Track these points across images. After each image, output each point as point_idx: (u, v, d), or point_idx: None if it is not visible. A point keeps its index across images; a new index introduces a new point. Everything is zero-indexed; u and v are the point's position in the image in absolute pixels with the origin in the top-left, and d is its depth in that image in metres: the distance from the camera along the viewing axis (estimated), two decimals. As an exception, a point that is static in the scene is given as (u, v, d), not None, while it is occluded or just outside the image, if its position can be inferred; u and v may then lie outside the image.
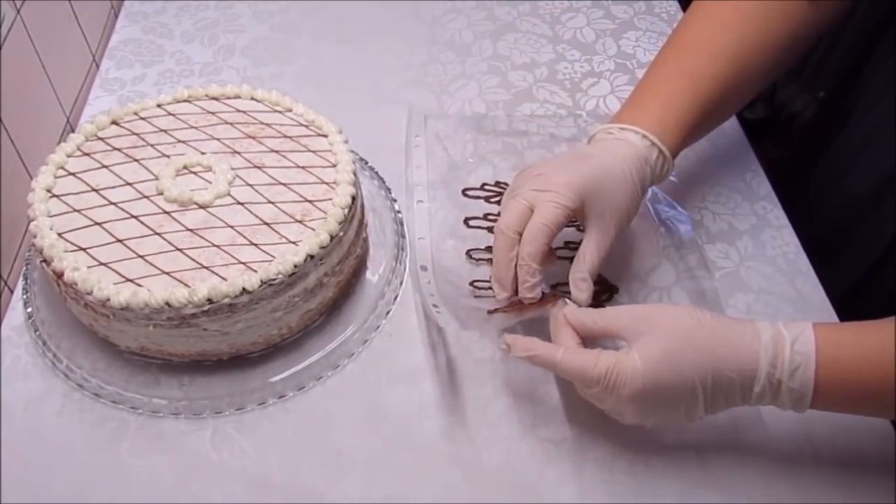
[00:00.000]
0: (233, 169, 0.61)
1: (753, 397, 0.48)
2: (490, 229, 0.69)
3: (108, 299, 0.52)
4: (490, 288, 0.58)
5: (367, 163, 0.72)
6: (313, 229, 0.57)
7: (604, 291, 0.64)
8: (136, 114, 0.66)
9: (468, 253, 0.67)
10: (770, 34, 0.62)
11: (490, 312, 0.58)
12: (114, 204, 0.58)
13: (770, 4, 0.62)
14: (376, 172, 0.72)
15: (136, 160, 0.62)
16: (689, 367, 0.48)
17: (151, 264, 0.55)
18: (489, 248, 0.67)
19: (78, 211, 0.58)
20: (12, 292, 0.65)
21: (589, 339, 0.53)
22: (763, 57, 0.63)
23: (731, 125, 0.80)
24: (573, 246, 0.68)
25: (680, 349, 0.48)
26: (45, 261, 0.55)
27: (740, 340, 0.48)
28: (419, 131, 0.77)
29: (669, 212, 0.71)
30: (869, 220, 0.70)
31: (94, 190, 0.59)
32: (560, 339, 0.53)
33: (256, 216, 0.58)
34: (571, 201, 0.55)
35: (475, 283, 0.65)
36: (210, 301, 0.53)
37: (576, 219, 0.59)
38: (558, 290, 0.64)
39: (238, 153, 0.63)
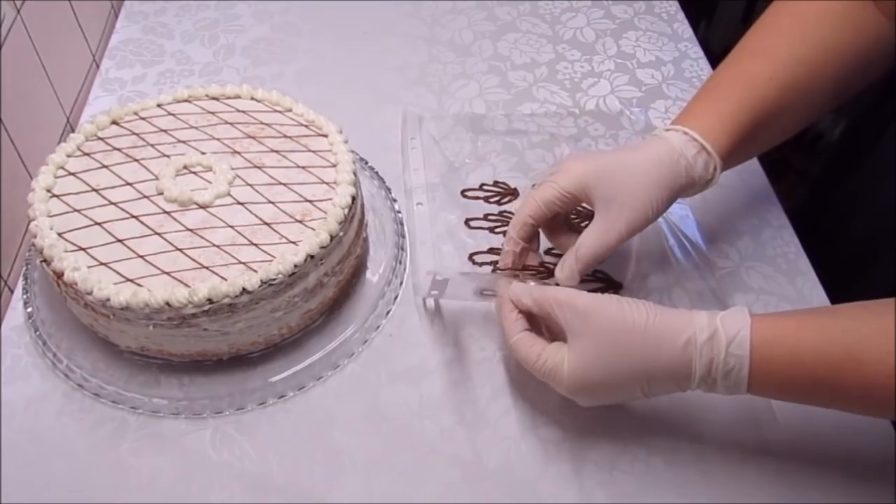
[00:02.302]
0: (233, 169, 0.61)
1: (690, 388, 0.50)
2: (491, 229, 0.69)
3: (108, 299, 0.52)
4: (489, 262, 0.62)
5: (367, 163, 0.72)
6: (313, 229, 0.57)
7: (607, 288, 0.64)
8: (136, 114, 0.66)
9: (471, 257, 0.67)
10: (838, 44, 0.58)
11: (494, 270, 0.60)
12: (114, 204, 0.58)
13: (840, 14, 0.59)
14: (376, 172, 0.72)
15: (136, 160, 0.62)
16: (621, 372, 0.49)
17: (151, 264, 0.55)
18: (492, 250, 0.67)
19: (78, 211, 0.58)
20: (12, 292, 0.65)
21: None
22: (829, 67, 0.59)
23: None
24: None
25: (611, 356, 0.49)
26: (45, 261, 0.55)
27: (673, 346, 0.48)
28: (415, 133, 0.77)
29: (670, 212, 0.70)
30: (890, 248, 0.69)
31: (94, 190, 0.59)
32: (502, 314, 0.54)
33: (256, 216, 0.58)
34: (569, 183, 0.55)
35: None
36: (210, 301, 0.53)
37: (580, 212, 0.59)
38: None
39: (238, 153, 0.63)
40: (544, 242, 0.61)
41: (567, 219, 0.62)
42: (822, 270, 0.67)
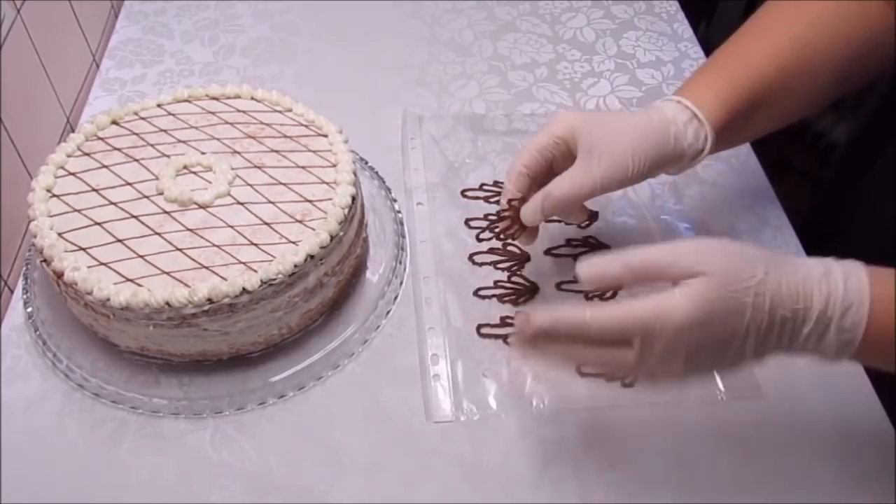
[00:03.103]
0: (233, 169, 0.61)
1: (800, 339, 0.45)
2: (491, 229, 0.69)
3: (108, 299, 0.52)
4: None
5: (367, 163, 0.72)
6: (313, 229, 0.57)
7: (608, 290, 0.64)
8: (136, 114, 0.66)
9: (471, 257, 0.67)
10: (841, 30, 0.58)
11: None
12: (114, 204, 0.58)
13: (844, 1, 0.58)
14: (376, 172, 0.72)
15: (136, 160, 0.62)
16: (741, 303, 0.43)
17: (151, 264, 0.55)
18: (492, 250, 0.67)
19: (78, 211, 0.58)
20: (12, 292, 0.65)
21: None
22: (830, 53, 0.58)
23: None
24: (575, 243, 0.68)
25: (731, 283, 0.43)
26: (45, 261, 0.55)
27: (794, 274, 0.44)
28: (415, 133, 0.77)
29: (670, 211, 0.71)
30: None
31: (94, 190, 0.59)
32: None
33: (256, 216, 0.58)
34: (559, 128, 0.56)
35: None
36: (210, 301, 0.53)
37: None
38: (563, 286, 0.65)
39: (238, 153, 0.63)
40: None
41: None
42: None
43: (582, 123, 0.56)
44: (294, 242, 0.56)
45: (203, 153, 0.62)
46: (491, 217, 0.70)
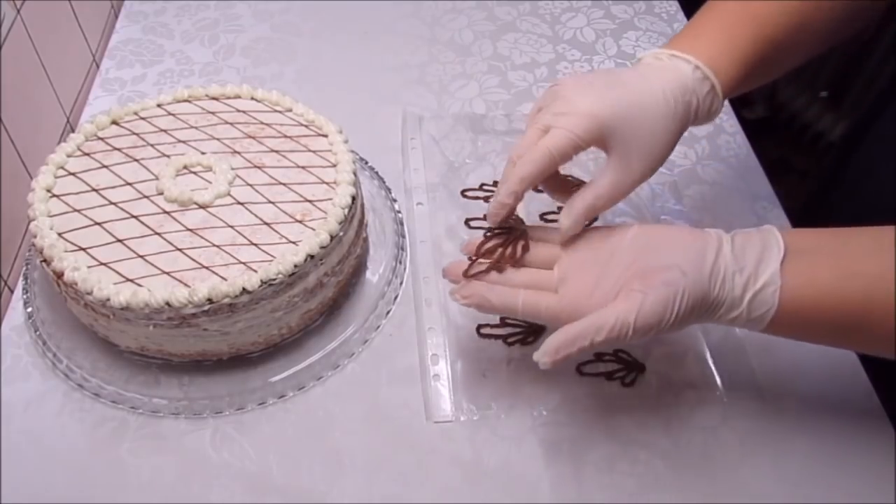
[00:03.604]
0: (233, 169, 0.61)
1: (714, 318, 0.48)
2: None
3: (108, 299, 0.52)
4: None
5: (367, 163, 0.72)
6: (313, 229, 0.57)
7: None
8: (136, 114, 0.66)
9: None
10: None
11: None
12: (114, 204, 0.58)
13: None
14: (376, 172, 0.72)
15: (136, 160, 0.62)
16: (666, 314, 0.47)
17: (151, 264, 0.55)
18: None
19: (78, 211, 0.58)
20: (12, 292, 0.65)
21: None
22: None
23: (731, 125, 0.80)
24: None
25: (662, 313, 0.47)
26: (45, 261, 0.55)
27: (709, 275, 0.47)
28: (415, 133, 0.77)
29: (670, 211, 0.71)
30: None
31: (94, 190, 0.59)
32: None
33: (256, 216, 0.58)
34: (587, 132, 0.49)
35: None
36: (210, 301, 0.53)
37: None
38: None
39: (238, 153, 0.63)
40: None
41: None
42: None
43: (610, 121, 0.50)
44: (294, 242, 0.56)
45: (203, 153, 0.62)
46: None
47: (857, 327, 0.46)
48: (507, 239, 0.52)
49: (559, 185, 0.56)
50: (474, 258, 0.52)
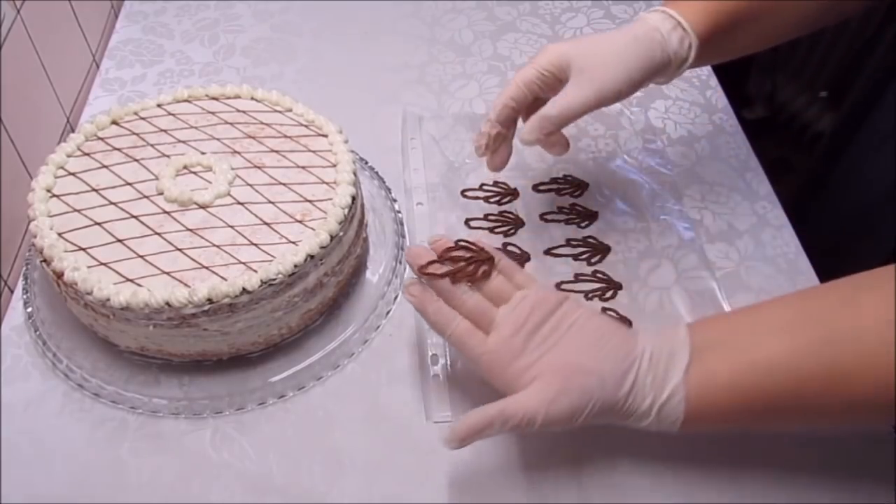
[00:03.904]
0: (233, 169, 0.61)
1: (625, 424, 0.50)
2: (491, 230, 0.69)
3: (108, 299, 0.52)
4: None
5: (367, 163, 0.72)
6: (313, 229, 0.57)
7: (608, 288, 0.64)
8: (136, 114, 0.66)
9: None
10: None
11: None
12: (114, 204, 0.58)
13: None
14: (376, 172, 0.72)
15: (136, 160, 0.62)
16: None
17: (151, 264, 0.55)
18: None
19: (78, 211, 0.58)
20: (12, 292, 0.65)
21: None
22: None
23: (731, 125, 0.80)
24: (575, 243, 0.68)
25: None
26: (45, 261, 0.55)
27: (620, 389, 0.48)
28: (415, 133, 0.77)
29: (670, 211, 0.71)
30: (875, 229, 0.70)
31: (94, 190, 0.59)
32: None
33: (256, 216, 0.58)
34: (548, 62, 0.58)
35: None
36: (210, 301, 0.53)
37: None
38: (563, 286, 0.65)
39: (238, 153, 0.63)
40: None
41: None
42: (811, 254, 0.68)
43: (569, 50, 0.58)
44: (294, 242, 0.56)
45: (203, 153, 0.62)
46: (491, 217, 0.70)
47: (768, 414, 0.47)
48: (474, 256, 0.52)
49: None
50: (438, 258, 0.52)
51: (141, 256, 0.55)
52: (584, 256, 0.67)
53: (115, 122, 0.65)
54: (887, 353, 0.42)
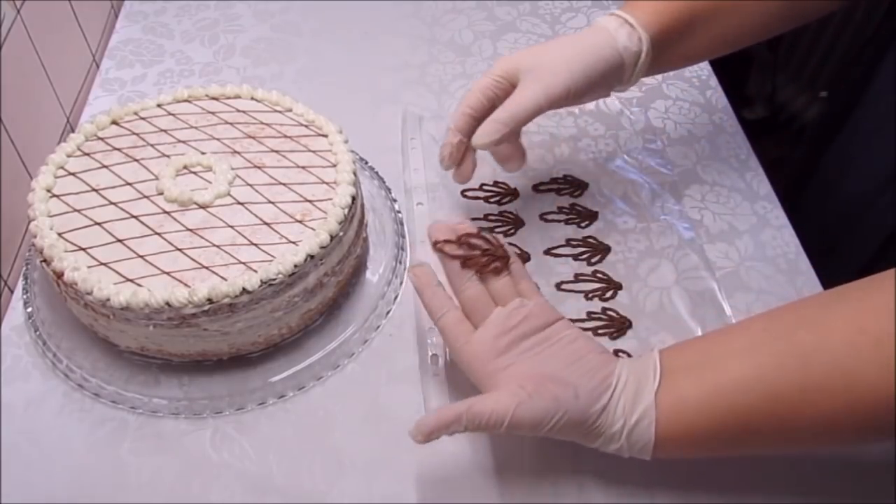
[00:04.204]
0: (233, 169, 0.61)
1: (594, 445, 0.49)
2: (491, 230, 0.69)
3: (108, 299, 0.52)
4: None
5: (367, 163, 0.72)
6: (313, 229, 0.57)
7: (608, 289, 0.64)
8: (136, 114, 0.66)
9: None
10: None
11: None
12: (114, 204, 0.58)
13: None
14: (376, 172, 0.72)
15: (136, 160, 0.62)
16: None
17: (151, 264, 0.55)
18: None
19: (78, 211, 0.58)
20: (12, 292, 0.65)
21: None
22: None
23: (731, 125, 0.80)
24: (575, 243, 0.68)
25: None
26: (45, 261, 0.55)
27: (589, 409, 0.48)
28: (415, 133, 0.77)
29: (670, 211, 0.71)
30: (865, 219, 0.70)
31: (94, 190, 0.59)
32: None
33: (256, 216, 0.58)
34: (500, 69, 0.60)
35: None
36: (210, 301, 0.53)
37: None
38: (563, 287, 0.65)
39: (238, 153, 0.63)
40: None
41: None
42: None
43: (520, 58, 0.60)
44: (294, 242, 0.56)
45: (203, 153, 0.62)
46: (491, 217, 0.70)
47: (744, 436, 0.46)
48: (490, 250, 0.53)
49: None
50: (456, 240, 0.53)
51: (141, 256, 0.55)
52: (584, 256, 0.67)
53: (115, 122, 0.65)
54: (857, 364, 0.41)
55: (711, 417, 0.46)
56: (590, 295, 0.64)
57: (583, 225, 0.69)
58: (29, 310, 0.61)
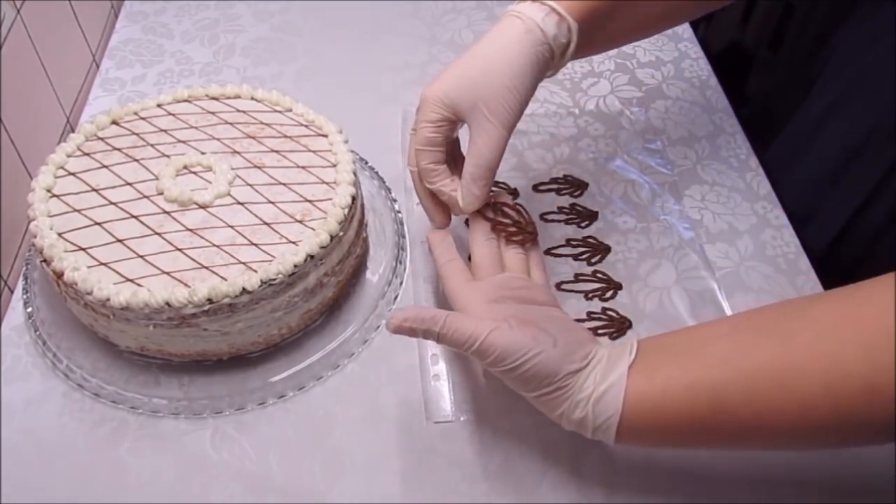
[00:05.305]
0: (233, 169, 0.61)
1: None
2: (491, 229, 0.69)
3: (108, 299, 0.52)
4: None
5: (367, 163, 0.72)
6: (313, 229, 0.57)
7: (608, 289, 0.64)
8: (136, 114, 0.66)
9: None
10: None
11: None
12: (114, 204, 0.58)
13: None
14: (376, 172, 0.72)
15: (136, 160, 0.62)
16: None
17: (151, 264, 0.55)
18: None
19: (78, 211, 0.58)
20: (12, 292, 0.65)
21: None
22: None
23: (732, 125, 0.80)
24: (575, 243, 0.68)
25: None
26: (45, 261, 0.55)
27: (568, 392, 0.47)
28: None
29: (670, 211, 0.71)
30: (840, 183, 0.70)
31: (94, 190, 0.59)
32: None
33: (256, 216, 0.58)
34: (435, 113, 0.54)
35: None
36: (210, 301, 0.53)
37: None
38: (563, 287, 0.65)
39: (238, 153, 0.63)
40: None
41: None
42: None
43: (452, 90, 0.54)
44: (294, 242, 0.56)
45: (203, 153, 0.62)
46: (491, 217, 0.70)
47: (719, 417, 0.44)
48: (520, 223, 0.57)
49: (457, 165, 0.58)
50: (492, 204, 0.57)
51: (141, 256, 0.55)
52: (584, 256, 0.67)
53: (115, 122, 0.65)
54: (837, 346, 0.41)
55: (682, 395, 0.44)
56: (590, 295, 0.64)
57: (583, 225, 0.69)
58: (29, 310, 0.61)
